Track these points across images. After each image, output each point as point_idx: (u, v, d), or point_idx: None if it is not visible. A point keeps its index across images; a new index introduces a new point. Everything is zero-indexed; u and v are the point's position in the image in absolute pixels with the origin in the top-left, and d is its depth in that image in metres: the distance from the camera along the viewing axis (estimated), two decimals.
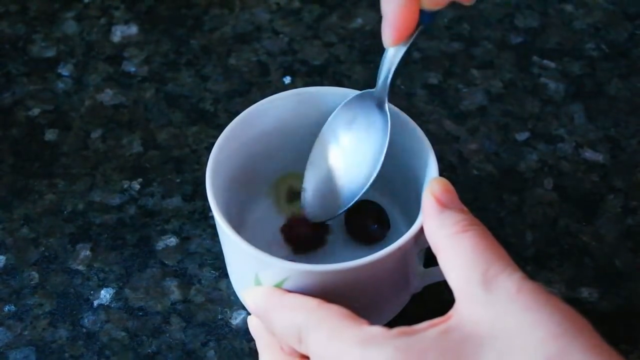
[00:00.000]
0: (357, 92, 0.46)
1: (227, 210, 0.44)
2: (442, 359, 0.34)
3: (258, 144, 0.48)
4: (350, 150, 0.46)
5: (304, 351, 0.39)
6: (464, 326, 0.35)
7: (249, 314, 0.49)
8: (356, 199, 0.45)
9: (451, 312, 0.36)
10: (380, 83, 0.44)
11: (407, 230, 0.42)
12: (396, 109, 0.46)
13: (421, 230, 0.41)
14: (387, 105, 0.44)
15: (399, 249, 0.41)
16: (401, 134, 0.46)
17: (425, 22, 0.41)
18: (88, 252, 0.52)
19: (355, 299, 0.41)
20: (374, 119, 0.45)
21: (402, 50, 0.42)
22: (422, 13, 0.41)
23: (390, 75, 0.43)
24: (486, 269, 0.36)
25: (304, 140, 0.49)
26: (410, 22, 0.40)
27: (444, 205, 0.39)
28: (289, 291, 0.41)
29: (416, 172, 0.46)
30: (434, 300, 0.47)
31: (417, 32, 0.41)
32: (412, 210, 0.45)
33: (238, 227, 0.44)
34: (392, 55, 0.43)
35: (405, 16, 0.39)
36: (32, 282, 0.51)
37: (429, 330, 0.35)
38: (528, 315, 0.34)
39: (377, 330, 0.36)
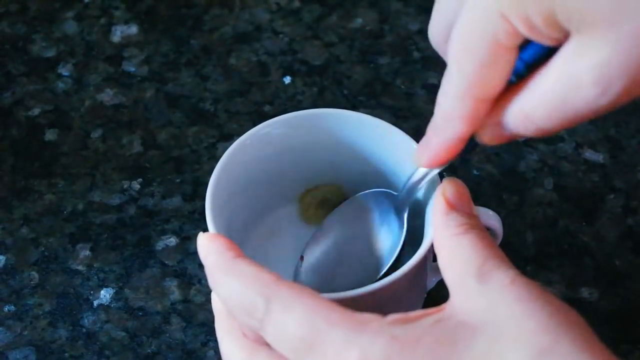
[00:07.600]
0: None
1: (228, 230, 0.42)
2: (437, 345, 0.34)
3: (263, 164, 0.47)
4: (361, 240, 0.46)
5: (255, 328, 0.35)
6: (457, 315, 0.35)
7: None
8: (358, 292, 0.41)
9: (444, 305, 0.36)
10: (405, 193, 0.44)
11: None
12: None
13: (432, 248, 0.41)
14: (405, 216, 0.44)
15: (409, 271, 0.41)
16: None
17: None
18: (88, 252, 0.52)
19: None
20: (389, 219, 0.46)
21: (434, 172, 0.42)
22: None
23: (416, 191, 0.44)
24: (482, 264, 0.36)
25: (308, 161, 0.48)
26: (453, 156, 0.40)
27: (452, 206, 0.40)
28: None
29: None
30: (442, 295, 0.47)
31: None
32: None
33: (242, 244, 0.43)
34: (422, 174, 0.43)
35: (451, 152, 0.39)
36: (32, 282, 0.51)
37: (424, 318, 0.35)
38: (520, 305, 0.34)
39: (370, 317, 0.35)
